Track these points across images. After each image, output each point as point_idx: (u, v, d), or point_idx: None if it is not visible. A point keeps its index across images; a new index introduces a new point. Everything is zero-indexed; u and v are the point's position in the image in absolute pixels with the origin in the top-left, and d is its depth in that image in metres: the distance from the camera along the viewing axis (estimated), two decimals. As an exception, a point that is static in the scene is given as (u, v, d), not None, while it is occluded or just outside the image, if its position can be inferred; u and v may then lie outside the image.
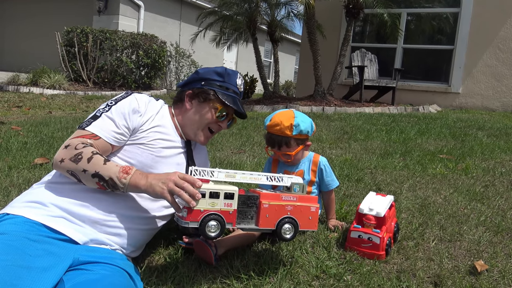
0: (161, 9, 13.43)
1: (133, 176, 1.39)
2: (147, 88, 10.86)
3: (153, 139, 1.60)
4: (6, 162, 2.99)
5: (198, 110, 1.71)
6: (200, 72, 1.75)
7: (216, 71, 1.74)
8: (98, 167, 1.38)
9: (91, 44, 9.93)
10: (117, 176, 1.38)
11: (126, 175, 1.38)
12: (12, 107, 6.76)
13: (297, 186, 1.50)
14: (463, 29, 8.71)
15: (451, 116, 6.58)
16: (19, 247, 1.21)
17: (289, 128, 1.86)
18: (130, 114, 1.56)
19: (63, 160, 1.42)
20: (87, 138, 1.48)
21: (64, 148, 1.45)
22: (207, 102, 1.70)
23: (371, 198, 1.93)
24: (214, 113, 1.70)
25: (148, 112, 1.62)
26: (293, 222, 1.46)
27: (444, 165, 3.32)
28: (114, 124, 1.53)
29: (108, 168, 1.39)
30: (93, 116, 1.54)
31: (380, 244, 1.74)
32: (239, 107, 1.73)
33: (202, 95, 1.70)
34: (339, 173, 2.95)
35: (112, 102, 1.59)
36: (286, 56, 20.16)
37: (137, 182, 1.39)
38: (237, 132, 4.56)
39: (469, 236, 1.98)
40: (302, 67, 10.55)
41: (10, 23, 14.85)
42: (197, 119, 1.71)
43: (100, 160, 1.40)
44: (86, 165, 1.38)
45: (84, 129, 1.50)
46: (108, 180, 1.38)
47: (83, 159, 1.39)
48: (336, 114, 6.43)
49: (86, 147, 1.43)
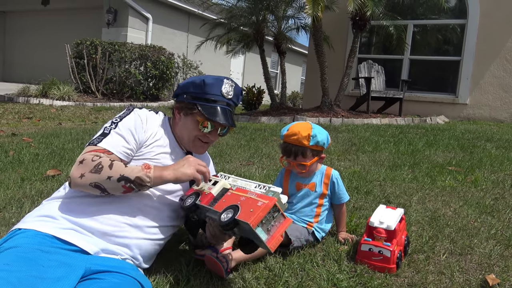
0: (169, 21, 13.59)
1: (155, 169, 1.47)
2: (154, 99, 10.95)
3: (157, 154, 1.63)
4: (19, 173, 3.04)
5: (184, 123, 1.72)
6: (180, 85, 1.75)
7: (194, 82, 1.69)
8: (121, 170, 1.43)
9: (100, 56, 10.06)
10: (141, 173, 1.43)
11: (149, 169, 1.45)
12: (23, 118, 6.85)
13: (272, 193, 1.44)
14: (470, 40, 8.72)
15: (459, 128, 6.56)
16: (32, 258, 1.24)
17: (306, 138, 1.90)
18: (137, 129, 1.60)
19: (83, 175, 1.42)
20: (100, 152, 1.50)
21: (80, 164, 1.45)
22: (190, 116, 1.68)
23: (381, 211, 1.94)
24: (196, 125, 1.68)
25: (149, 128, 1.65)
26: (235, 208, 1.42)
27: (453, 177, 3.31)
28: (124, 140, 1.56)
29: (131, 169, 1.44)
30: (102, 134, 1.56)
31: (390, 257, 1.74)
32: (222, 118, 1.65)
33: (184, 109, 1.70)
34: (348, 186, 2.96)
35: (117, 119, 1.61)
36: (293, 67, 20.25)
37: (161, 173, 1.48)
38: (245, 144, 4.58)
39: (480, 250, 1.97)
40: (309, 78, 10.60)
41: (21, 35, 15.11)
42: (186, 131, 1.72)
43: (121, 164, 1.45)
44: (109, 172, 1.41)
45: (96, 145, 1.52)
46: (135, 179, 1.43)
47: (105, 167, 1.42)
48: (343, 126, 6.45)
49: (102, 158, 1.45)
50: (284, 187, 2.08)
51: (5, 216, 2.22)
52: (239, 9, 9.28)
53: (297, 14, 9.72)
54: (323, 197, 2.04)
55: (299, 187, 2.04)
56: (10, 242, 1.32)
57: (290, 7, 9.38)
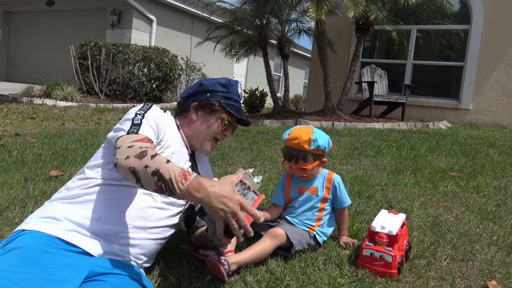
0: (173, 23, 13.64)
1: (191, 183, 1.27)
2: (157, 101, 10.99)
3: (168, 154, 1.63)
4: (22, 173, 3.05)
5: (204, 121, 1.75)
6: (205, 83, 1.80)
7: (220, 82, 1.80)
8: (160, 164, 1.29)
9: (104, 57, 10.11)
10: (176, 178, 1.27)
11: (184, 181, 1.27)
12: (26, 118, 6.88)
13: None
14: (473, 46, 8.73)
15: (461, 133, 6.56)
16: (37, 259, 1.25)
17: (307, 142, 1.91)
18: (159, 124, 1.60)
19: (128, 157, 1.35)
20: (145, 141, 1.46)
21: (128, 148, 1.39)
22: (214, 113, 1.75)
23: (383, 216, 1.94)
24: (221, 123, 1.76)
25: (166, 125, 1.66)
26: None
27: (455, 183, 3.31)
28: (153, 130, 1.56)
29: (170, 166, 1.29)
30: (134, 125, 1.52)
31: (392, 263, 1.75)
32: (242, 115, 1.81)
33: (208, 107, 1.75)
34: (350, 190, 2.96)
35: (140, 111, 1.60)
36: (295, 70, 20.28)
37: (193, 192, 1.27)
38: (247, 146, 4.59)
39: (482, 256, 1.97)
40: (312, 82, 10.61)
41: (25, 35, 15.18)
42: (204, 130, 1.75)
43: (163, 159, 1.33)
44: (149, 161, 1.31)
45: (138, 134, 1.48)
46: (168, 180, 1.27)
47: (148, 155, 1.33)
48: (346, 130, 6.45)
49: (150, 149, 1.39)
50: (286, 191, 2.09)
51: (8, 216, 2.24)
52: (243, 12, 9.31)
53: (301, 18, 9.75)
54: (325, 201, 2.05)
55: (301, 191, 2.05)
56: (15, 243, 1.33)
57: (293, 11, 9.40)
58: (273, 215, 2.07)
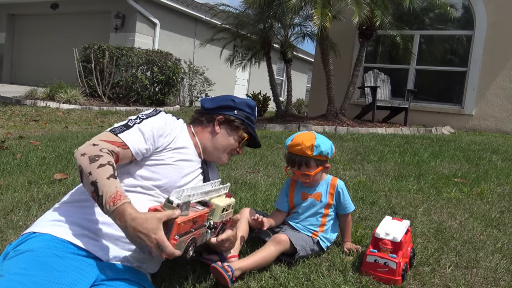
0: (176, 27, 13.69)
1: (117, 209, 1.31)
2: (160, 104, 11.00)
3: (177, 160, 1.64)
4: (26, 176, 3.06)
5: (226, 135, 1.80)
6: (237, 101, 1.85)
7: (248, 104, 1.88)
8: (100, 177, 1.33)
9: (107, 60, 10.14)
10: (106, 198, 1.31)
11: (112, 204, 1.31)
12: (30, 121, 6.90)
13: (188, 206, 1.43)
14: (476, 51, 8.73)
15: (464, 139, 6.55)
16: (48, 263, 1.27)
17: (310, 148, 1.91)
18: (159, 131, 1.60)
19: (84, 154, 1.40)
20: (116, 145, 1.48)
21: (91, 145, 1.44)
22: (237, 131, 1.82)
23: (387, 222, 1.94)
24: (240, 141, 1.83)
25: (173, 133, 1.67)
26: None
27: (458, 189, 3.30)
28: (143, 138, 1.56)
29: (107, 184, 1.33)
30: (125, 125, 1.57)
31: (396, 269, 1.74)
32: (257, 137, 1.94)
33: (234, 123, 1.81)
34: (354, 195, 2.96)
35: (143, 116, 1.63)
36: (298, 74, 20.30)
37: (116, 217, 1.32)
38: (250, 151, 4.59)
39: (486, 263, 1.97)
40: (314, 86, 10.62)
41: (29, 38, 15.25)
42: (224, 143, 1.80)
43: (108, 173, 1.35)
44: (94, 170, 1.35)
45: (116, 135, 1.51)
46: (100, 196, 1.32)
47: (97, 163, 1.36)
48: (348, 134, 6.45)
49: (108, 155, 1.42)
50: (290, 197, 2.09)
51: (12, 219, 2.24)
52: (246, 16, 9.34)
53: (304, 22, 9.77)
54: (329, 207, 2.05)
55: (305, 197, 2.05)
56: (26, 245, 1.34)
57: (297, 15, 9.43)
58: (277, 221, 2.07)
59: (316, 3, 6.79)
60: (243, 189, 3.05)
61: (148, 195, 1.56)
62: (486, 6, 8.60)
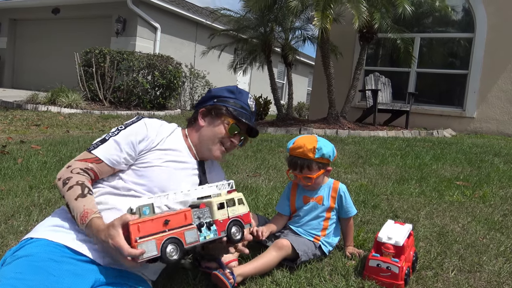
0: (177, 31, 13.71)
1: (87, 225, 1.36)
2: (161, 108, 11.01)
3: (166, 161, 1.62)
4: (27, 181, 3.06)
5: (209, 125, 1.76)
6: (213, 90, 1.83)
7: (228, 88, 1.82)
8: (70, 200, 1.43)
9: (108, 65, 10.15)
10: (77, 217, 1.39)
11: (82, 223, 1.37)
12: (31, 125, 6.90)
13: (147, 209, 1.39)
14: (477, 54, 8.72)
15: (466, 141, 6.53)
16: (44, 267, 1.27)
17: (311, 151, 1.91)
18: (137, 137, 1.60)
19: (59, 179, 1.49)
20: (89, 162, 1.54)
21: (66, 168, 1.52)
22: (219, 117, 1.75)
23: (389, 226, 1.93)
24: (227, 127, 1.74)
25: (158, 135, 1.66)
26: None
27: (461, 192, 3.29)
28: (119, 148, 1.57)
29: (76, 205, 1.41)
30: (101, 140, 1.60)
31: (399, 274, 1.73)
32: (251, 122, 1.79)
33: (214, 111, 1.76)
34: (355, 199, 2.95)
35: (122, 126, 1.64)
36: (299, 77, 20.31)
37: (87, 233, 1.39)
38: (252, 154, 4.59)
39: (489, 267, 1.95)
40: (315, 89, 10.62)
41: (31, 43, 15.30)
42: (210, 134, 1.74)
43: (76, 193, 1.43)
44: (66, 193, 1.45)
45: (90, 152, 1.56)
46: (73, 215, 1.42)
47: (67, 185, 1.45)
48: (350, 138, 6.44)
49: (78, 174, 1.49)
50: (292, 201, 2.08)
51: (13, 224, 2.24)
52: (247, 20, 9.35)
53: (305, 26, 9.78)
54: (331, 211, 2.04)
55: (307, 200, 2.04)
56: (23, 251, 1.35)
57: (297, 19, 9.44)
58: (278, 225, 2.06)
59: (317, 6, 6.80)
60: (244, 193, 3.02)
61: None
62: (487, 8, 8.60)
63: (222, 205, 1.49)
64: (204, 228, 1.43)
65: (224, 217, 1.48)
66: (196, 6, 15.78)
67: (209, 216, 1.46)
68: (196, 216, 1.43)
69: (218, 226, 1.47)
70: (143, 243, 1.28)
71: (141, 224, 1.30)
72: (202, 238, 1.43)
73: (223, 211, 1.49)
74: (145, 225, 1.30)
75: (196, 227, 1.41)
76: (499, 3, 8.53)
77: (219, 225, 1.48)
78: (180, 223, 1.38)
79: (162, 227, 1.33)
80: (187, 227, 1.39)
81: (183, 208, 1.44)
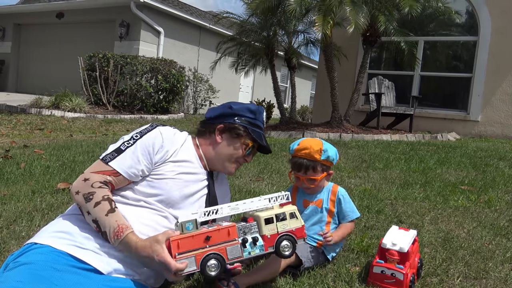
0: (180, 35, 13.75)
1: (121, 241, 1.40)
2: (164, 112, 11.03)
3: (178, 173, 1.62)
4: (30, 186, 3.05)
5: (228, 144, 1.74)
6: (234, 107, 1.78)
7: (250, 108, 1.79)
8: (100, 216, 1.42)
9: (112, 69, 10.18)
10: (110, 233, 1.40)
11: (117, 238, 1.40)
12: (34, 129, 6.92)
13: (190, 224, 1.40)
14: (481, 57, 8.69)
15: (470, 145, 6.49)
16: (46, 276, 1.25)
17: (318, 152, 1.91)
18: (154, 148, 1.59)
19: (78, 193, 1.47)
20: (107, 174, 1.51)
21: (82, 181, 1.49)
22: (239, 138, 1.74)
23: (394, 232, 1.90)
24: (244, 148, 1.75)
25: (172, 146, 1.64)
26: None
27: (466, 197, 3.26)
28: (138, 161, 1.55)
29: (107, 221, 1.41)
30: (117, 150, 1.57)
31: (403, 281, 1.71)
32: (266, 142, 1.80)
33: (234, 131, 1.74)
34: (359, 204, 2.92)
35: (137, 135, 1.61)
36: (302, 81, 20.30)
37: (122, 249, 1.42)
38: (255, 159, 4.56)
39: (495, 274, 1.93)
40: (319, 93, 10.61)
41: (35, 47, 15.38)
42: (227, 153, 1.74)
43: (105, 209, 1.42)
44: (92, 209, 1.43)
45: (107, 164, 1.53)
46: (103, 232, 1.42)
47: (92, 201, 1.43)
48: (353, 141, 6.41)
49: (101, 188, 1.47)
50: (292, 204, 2.07)
51: (15, 229, 2.23)
52: (250, 24, 9.36)
53: (308, 29, 9.79)
54: (332, 215, 2.02)
55: (307, 204, 2.03)
56: (25, 257, 1.33)
57: (300, 22, 9.44)
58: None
59: (319, 10, 6.79)
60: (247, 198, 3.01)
61: (152, 209, 1.55)
62: (491, 11, 8.57)
63: (271, 219, 1.46)
64: (249, 243, 1.42)
65: (272, 232, 1.46)
66: (199, 10, 15.83)
67: (257, 231, 1.45)
68: (241, 231, 1.42)
69: (266, 241, 1.45)
70: (183, 258, 1.33)
71: (181, 241, 1.35)
72: (246, 254, 1.41)
73: (272, 226, 1.46)
74: (185, 241, 1.36)
75: (239, 243, 1.40)
76: (503, 5, 8.50)
77: (267, 240, 1.45)
78: (223, 239, 1.39)
79: (203, 243, 1.37)
80: (230, 242, 1.39)
81: (228, 224, 1.43)
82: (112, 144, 1.62)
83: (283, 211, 1.49)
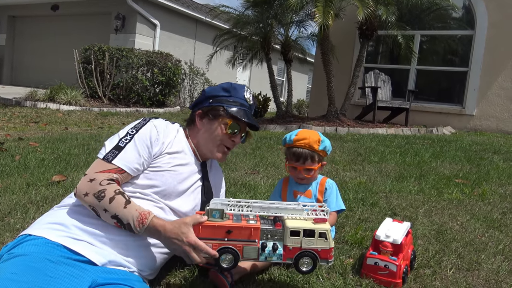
0: (176, 28, 13.68)
1: (147, 227, 1.42)
2: (161, 105, 10.99)
3: (174, 165, 1.62)
4: (24, 178, 3.05)
5: (208, 128, 1.73)
6: (207, 90, 1.78)
7: (222, 87, 1.77)
8: (118, 210, 1.41)
9: (108, 62, 10.13)
10: (133, 223, 1.41)
11: (141, 225, 1.42)
12: (30, 122, 6.89)
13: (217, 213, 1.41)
14: (477, 51, 8.69)
15: (465, 139, 6.52)
16: (40, 268, 1.24)
17: (317, 142, 1.94)
18: (152, 142, 1.59)
19: (87, 194, 1.44)
20: (113, 172, 1.50)
21: (88, 182, 1.47)
22: (217, 119, 1.72)
23: (387, 224, 1.91)
24: (225, 128, 1.71)
25: (167, 138, 1.65)
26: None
27: (460, 190, 3.28)
28: (138, 155, 1.56)
29: (128, 212, 1.42)
30: (116, 147, 1.56)
31: (397, 272, 1.72)
32: (250, 118, 1.74)
33: (211, 113, 1.73)
34: (354, 197, 2.94)
35: (133, 130, 1.61)
36: (299, 75, 20.26)
37: (150, 234, 1.46)
38: (250, 152, 4.58)
39: (488, 265, 1.95)
40: (315, 87, 10.60)
41: (30, 40, 15.26)
42: (209, 137, 1.73)
43: (122, 202, 1.42)
44: (108, 205, 1.42)
45: (110, 162, 1.52)
46: (126, 224, 1.42)
47: (106, 198, 1.42)
48: (349, 135, 6.42)
49: (110, 185, 1.45)
50: (283, 196, 2.09)
51: (10, 221, 2.22)
52: (246, 17, 9.32)
53: (305, 22, 9.75)
54: (322, 206, 2.03)
55: (296, 194, 2.04)
56: (20, 249, 1.33)
57: (297, 16, 9.41)
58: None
59: (318, 2, 6.76)
60: (242, 191, 3.03)
61: (148, 200, 1.56)
62: (487, 5, 8.57)
63: (298, 233, 1.39)
64: (268, 249, 1.39)
65: (296, 245, 1.40)
66: (195, 3, 15.73)
67: (281, 238, 1.40)
68: (265, 234, 1.40)
69: (286, 251, 1.40)
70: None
71: (203, 227, 1.38)
72: (262, 258, 1.40)
73: (297, 239, 1.40)
74: (207, 229, 1.38)
75: (259, 246, 1.39)
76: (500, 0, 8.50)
77: (288, 251, 1.40)
78: (243, 237, 1.39)
79: (223, 235, 1.38)
80: (249, 242, 1.39)
81: (253, 223, 1.41)
82: (108, 141, 1.60)
83: (314, 228, 1.40)
